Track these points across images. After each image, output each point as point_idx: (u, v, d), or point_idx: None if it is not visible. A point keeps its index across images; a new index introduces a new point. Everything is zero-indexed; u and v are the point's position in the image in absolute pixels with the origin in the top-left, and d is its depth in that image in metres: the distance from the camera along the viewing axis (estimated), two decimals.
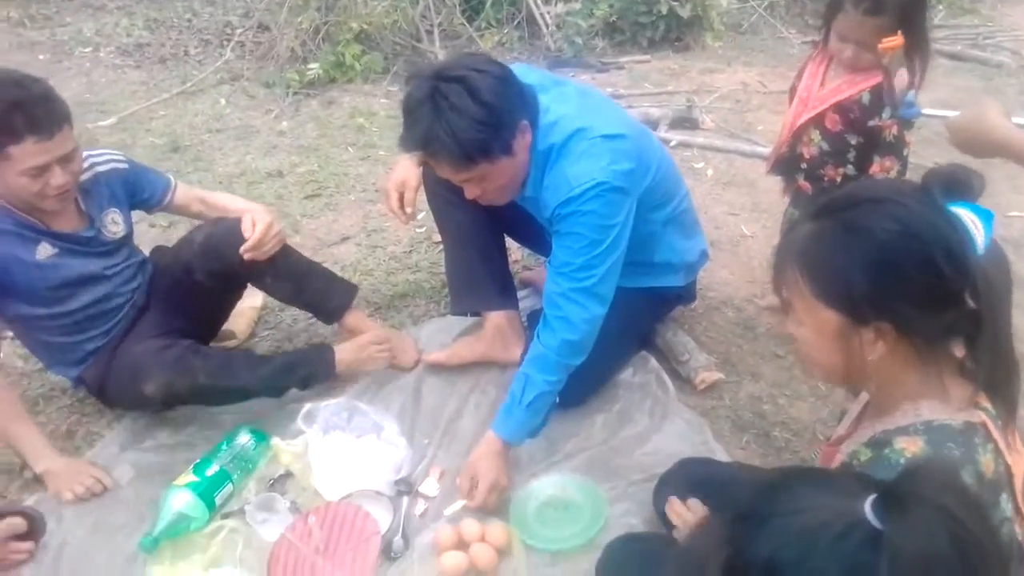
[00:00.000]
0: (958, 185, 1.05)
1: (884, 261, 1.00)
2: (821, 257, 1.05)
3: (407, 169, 2.16)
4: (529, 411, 1.88)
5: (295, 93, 4.36)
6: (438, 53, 4.66)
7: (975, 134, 1.49)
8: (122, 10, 5.67)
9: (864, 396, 1.27)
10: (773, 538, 0.73)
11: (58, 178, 1.89)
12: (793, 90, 2.23)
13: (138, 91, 4.51)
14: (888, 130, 2.03)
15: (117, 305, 2.15)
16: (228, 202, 2.31)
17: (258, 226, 2.10)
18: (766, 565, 0.72)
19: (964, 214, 1.02)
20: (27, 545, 1.84)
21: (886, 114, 2.03)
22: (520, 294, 2.54)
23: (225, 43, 4.99)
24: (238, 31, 5.05)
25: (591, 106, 1.92)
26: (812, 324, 1.08)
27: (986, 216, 1.03)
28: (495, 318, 2.32)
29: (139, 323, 2.19)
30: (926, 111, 2.02)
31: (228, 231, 2.14)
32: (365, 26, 4.62)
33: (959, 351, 1.07)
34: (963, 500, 0.72)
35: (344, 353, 2.24)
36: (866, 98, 2.03)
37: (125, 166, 2.18)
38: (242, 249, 2.09)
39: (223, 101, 4.35)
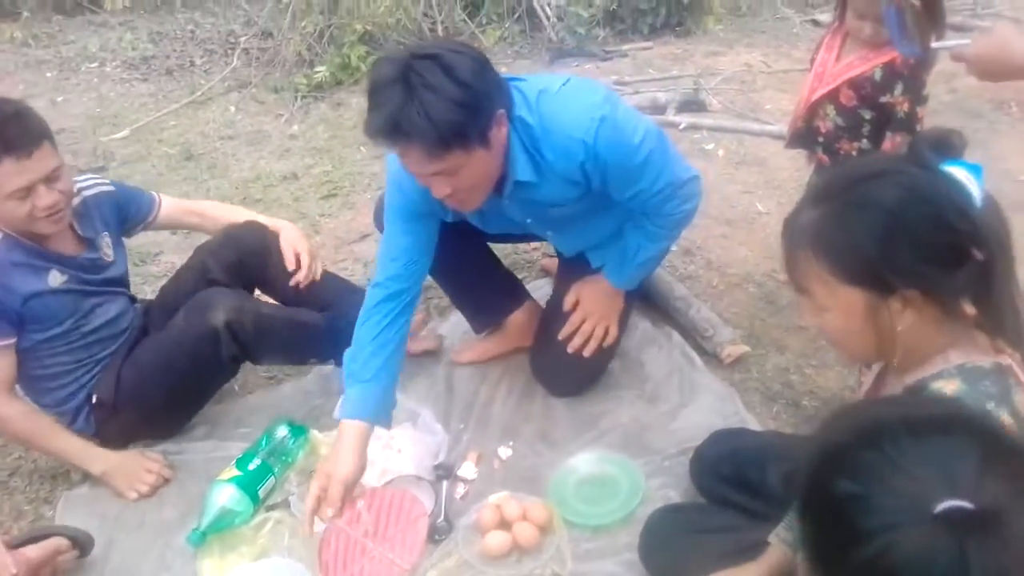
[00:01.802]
0: (944, 146, 1.07)
1: (899, 227, 1.03)
2: (837, 238, 1.06)
3: (349, 455, 1.77)
4: (640, 269, 2.04)
5: (303, 97, 4.39)
6: None
7: (1001, 60, 1.51)
8: (124, 25, 5.71)
9: (876, 366, 1.29)
10: (859, 484, 0.71)
11: (44, 198, 1.85)
12: (812, 63, 2.24)
13: (147, 103, 4.55)
14: (900, 106, 2.05)
15: (125, 326, 2.16)
16: (227, 213, 2.32)
17: (303, 257, 2.16)
18: (840, 503, 0.71)
19: (957, 171, 1.05)
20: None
21: (898, 90, 2.05)
22: (539, 283, 2.58)
23: (230, 52, 5.02)
24: (242, 39, 5.08)
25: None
26: (839, 307, 1.09)
27: (976, 171, 1.06)
28: (515, 317, 2.33)
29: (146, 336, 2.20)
30: (934, 44, 1.99)
31: (243, 228, 2.22)
32: (368, 27, 4.65)
33: (970, 308, 1.09)
34: None
35: None
36: (878, 74, 2.05)
37: (111, 188, 2.17)
38: (293, 281, 2.15)
39: (233, 108, 4.39)
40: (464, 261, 2.11)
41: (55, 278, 1.98)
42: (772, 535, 1.40)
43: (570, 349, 2.10)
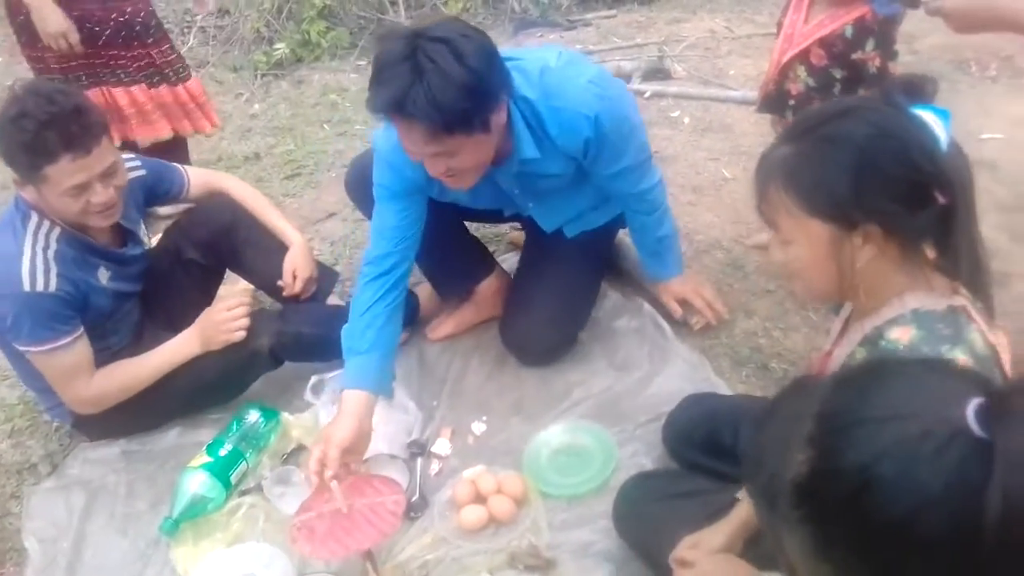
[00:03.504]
0: (916, 90, 1.10)
1: (866, 163, 1.05)
2: (805, 171, 1.09)
3: (348, 422, 1.75)
4: (673, 248, 2.23)
5: (263, 75, 4.31)
6: (404, 24, 4.62)
7: (980, 12, 1.54)
8: None
9: (845, 311, 1.31)
10: (867, 447, 0.65)
11: (99, 195, 1.80)
12: (780, 26, 2.23)
13: None
14: (872, 62, 2.05)
15: (137, 318, 2.14)
16: (248, 198, 2.26)
17: (298, 284, 2.16)
18: (860, 476, 0.65)
19: (926, 115, 1.08)
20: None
21: (869, 46, 2.04)
22: (507, 256, 2.57)
23: (186, 31, 4.91)
24: (198, 17, 4.96)
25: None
26: (802, 240, 1.12)
27: (944, 115, 1.08)
28: (485, 285, 2.33)
29: (144, 325, 2.17)
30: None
31: (211, 203, 2.19)
32: (328, 1, 4.56)
33: (931, 252, 1.12)
34: None
35: (423, 293, 2.36)
36: (849, 31, 2.04)
37: (143, 172, 2.11)
38: (284, 293, 2.18)
39: None
40: (434, 228, 2.11)
41: (103, 275, 1.96)
42: (740, 492, 1.41)
43: (698, 327, 2.27)
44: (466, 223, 2.38)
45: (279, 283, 2.18)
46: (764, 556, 1.20)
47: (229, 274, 2.38)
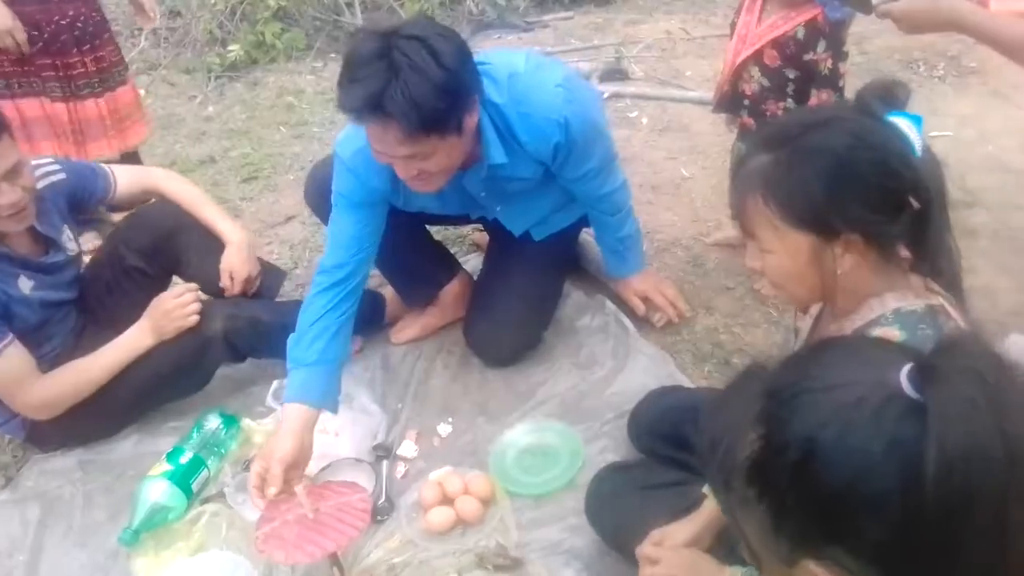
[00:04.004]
0: (889, 97, 1.11)
1: (846, 174, 1.06)
2: (786, 182, 1.09)
3: (289, 440, 1.70)
4: (636, 247, 2.26)
5: (218, 77, 4.25)
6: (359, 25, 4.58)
7: (930, 14, 1.59)
8: None
9: (813, 310, 1.33)
10: (810, 416, 0.69)
11: (5, 195, 1.75)
12: (733, 26, 2.25)
13: None
14: (823, 63, 2.08)
15: (73, 324, 2.08)
16: (184, 196, 2.18)
17: (236, 285, 2.11)
18: (805, 445, 0.68)
19: (900, 122, 1.09)
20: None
21: (820, 47, 2.08)
22: (469, 257, 2.56)
23: (137, 33, 4.81)
24: None
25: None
26: (784, 250, 1.12)
27: (917, 121, 1.10)
28: (448, 289, 2.32)
29: (88, 328, 2.12)
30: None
31: (153, 209, 2.16)
32: (283, 3, 4.51)
33: (905, 252, 1.13)
34: (1000, 366, 0.68)
35: (391, 298, 2.35)
36: (801, 33, 2.07)
37: (63, 176, 2.03)
38: (225, 296, 2.12)
39: (143, 92, 4.18)
40: (396, 234, 2.08)
41: (25, 284, 1.89)
42: (707, 487, 1.42)
43: (661, 324, 2.29)
44: (428, 227, 2.36)
45: (222, 284, 2.12)
46: (733, 551, 1.21)
47: (177, 280, 2.32)
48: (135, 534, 1.79)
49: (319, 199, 2.13)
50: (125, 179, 2.16)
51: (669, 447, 1.71)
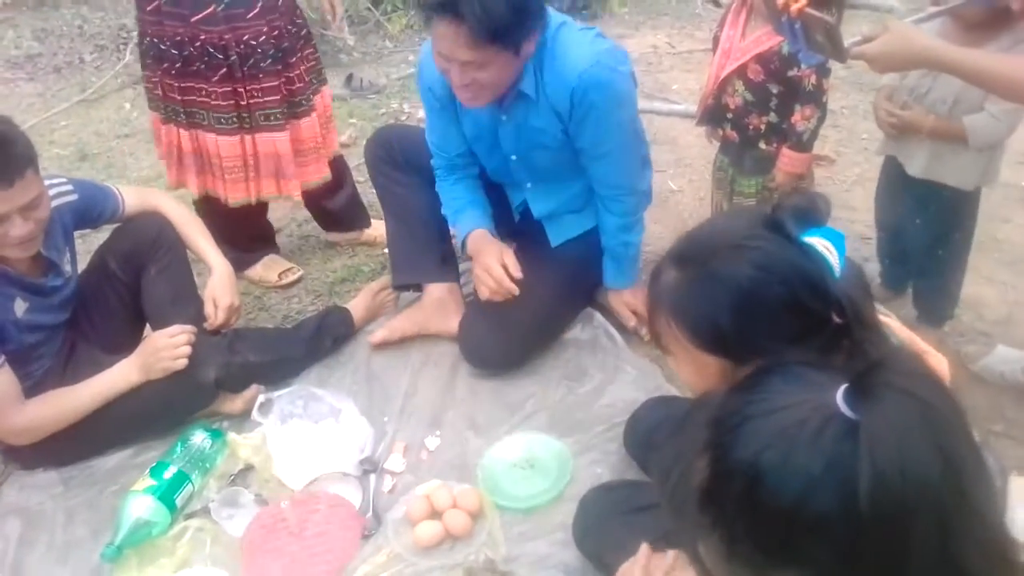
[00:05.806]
0: (808, 213, 1.05)
1: (751, 307, 1.02)
2: (691, 307, 1.06)
3: (493, 246, 2.12)
4: (633, 262, 2.29)
5: None
6: (348, 39, 4.59)
7: (903, 54, 1.60)
8: (5, 23, 5.39)
9: None
10: (753, 441, 0.70)
11: (18, 228, 1.72)
12: (716, 40, 2.27)
13: (35, 103, 4.31)
14: (807, 79, 2.10)
15: (60, 344, 2.05)
16: (180, 220, 2.17)
17: (220, 314, 2.09)
18: (749, 471, 0.69)
19: (817, 242, 1.03)
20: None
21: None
22: (464, 266, 2.55)
23: (122, 47, 4.81)
24: (134, 33, 4.85)
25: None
26: (695, 368, 1.10)
27: (837, 238, 1.04)
28: (435, 290, 2.32)
29: (77, 345, 2.10)
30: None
31: (140, 218, 2.15)
32: None
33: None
34: (931, 384, 0.71)
35: (357, 311, 2.38)
36: (785, 48, 2.08)
37: (75, 197, 2.01)
38: (207, 324, 2.10)
39: (128, 105, 4.19)
40: (419, 210, 2.28)
41: (20, 306, 1.87)
42: None
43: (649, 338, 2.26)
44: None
45: (206, 312, 2.10)
46: None
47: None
48: (118, 550, 1.76)
49: (378, 150, 2.36)
50: (133, 200, 2.16)
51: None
